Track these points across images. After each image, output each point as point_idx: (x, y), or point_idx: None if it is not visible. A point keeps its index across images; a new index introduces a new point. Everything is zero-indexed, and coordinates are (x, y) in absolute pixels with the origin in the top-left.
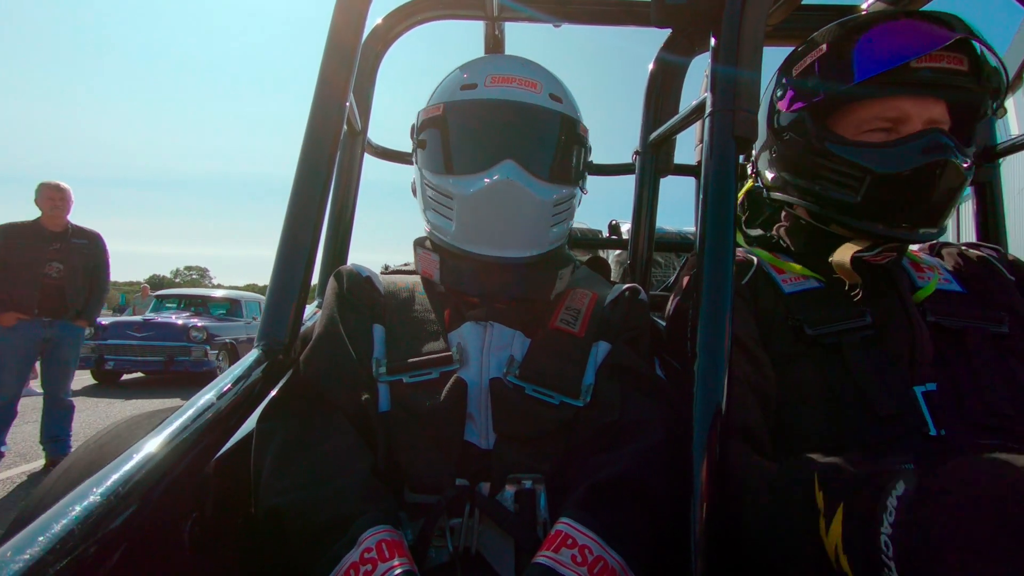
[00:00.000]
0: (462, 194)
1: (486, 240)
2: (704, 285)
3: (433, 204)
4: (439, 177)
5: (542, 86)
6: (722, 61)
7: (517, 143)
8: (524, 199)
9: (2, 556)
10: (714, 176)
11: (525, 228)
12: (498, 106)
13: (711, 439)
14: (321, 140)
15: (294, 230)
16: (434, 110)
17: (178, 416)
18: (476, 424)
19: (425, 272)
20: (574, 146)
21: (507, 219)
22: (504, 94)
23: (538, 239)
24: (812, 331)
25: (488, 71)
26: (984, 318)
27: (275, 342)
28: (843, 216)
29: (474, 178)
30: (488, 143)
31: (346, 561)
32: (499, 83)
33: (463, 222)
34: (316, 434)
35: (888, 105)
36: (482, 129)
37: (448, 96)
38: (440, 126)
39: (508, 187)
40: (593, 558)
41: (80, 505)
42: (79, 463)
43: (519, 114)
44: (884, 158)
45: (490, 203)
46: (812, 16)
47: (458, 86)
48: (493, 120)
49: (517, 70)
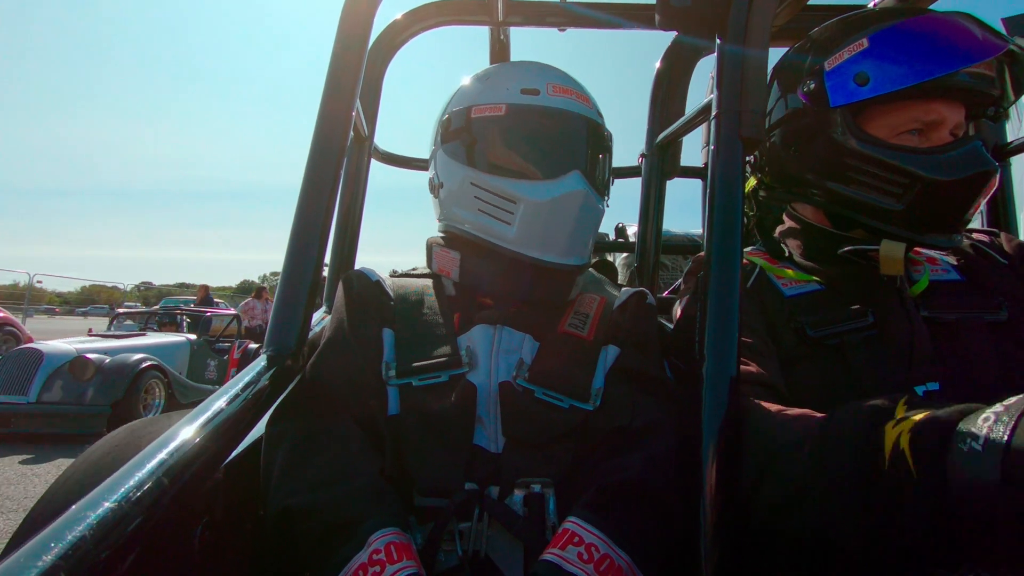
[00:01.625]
0: (532, 199)
1: (550, 246)
2: (712, 287)
3: (484, 206)
4: (499, 180)
5: (592, 102)
6: (728, 62)
7: (582, 155)
8: (592, 210)
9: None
10: (721, 178)
11: (585, 237)
12: (566, 117)
13: (720, 441)
14: (328, 146)
15: (302, 235)
16: (492, 108)
17: (187, 421)
18: (485, 428)
19: (441, 270)
20: (609, 161)
21: (575, 227)
22: (569, 105)
23: (588, 247)
24: (814, 333)
25: (547, 79)
26: (980, 306)
27: (284, 346)
28: (880, 221)
29: (544, 185)
30: (557, 151)
31: (355, 562)
32: (561, 93)
33: (529, 228)
34: (325, 437)
35: (927, 108)
36: (551, 137)
37: (508, 97)
38: (501, 127)
39: (581, 198)
40: (599, 556)
41: (92, 511)
42: (85, 468)
43: (584, 127)
44: (935, 166)
45: (562, 211)
46: (818, 17)
47: (517, 88)
48: (561, 129)
49: (572, 83)
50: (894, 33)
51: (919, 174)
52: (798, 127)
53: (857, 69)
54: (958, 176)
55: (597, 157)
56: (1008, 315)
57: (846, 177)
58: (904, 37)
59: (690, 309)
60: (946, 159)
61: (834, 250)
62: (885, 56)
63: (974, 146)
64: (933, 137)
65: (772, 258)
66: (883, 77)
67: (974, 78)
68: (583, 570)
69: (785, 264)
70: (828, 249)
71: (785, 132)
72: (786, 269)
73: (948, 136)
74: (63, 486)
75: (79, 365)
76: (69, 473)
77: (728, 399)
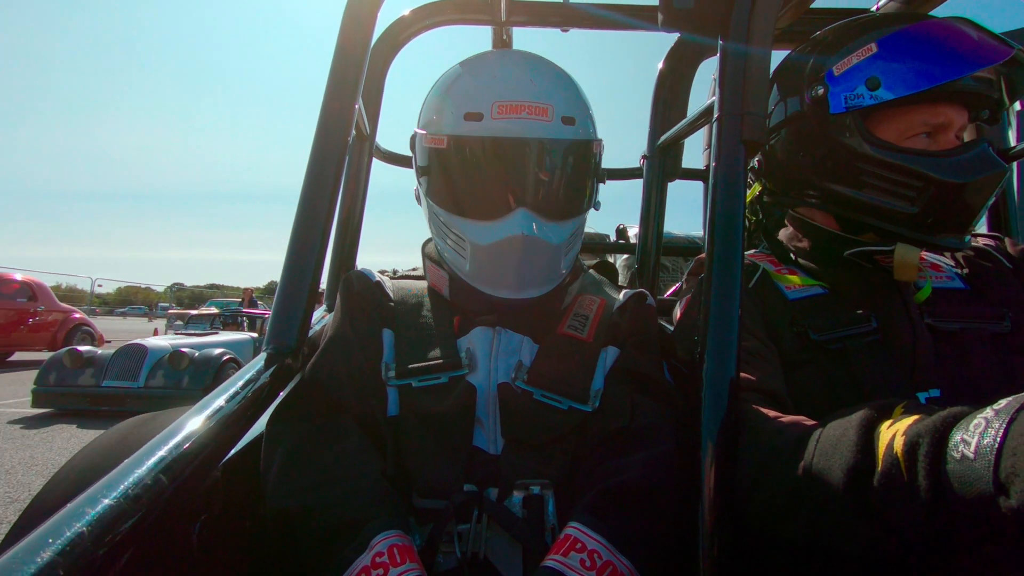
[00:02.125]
0: (476, 243)
1: (502, 285)
2: (712, 289)
3: (444, 238)
4: (449, 216)
5: (553, 110)
6: (730, 65)
7: (530, 187)
8: (539, 249)
9: (13, 559)
10: (722, 180)
11: (541, 272)
12: (507, 144)
13: (719, 443)
14: (330, 145)
15: (303, 234)
16: (436, 141)
17: (187, 419)
18: (484, 429)
19: (434, 285)
20: (587, 171)
21: (524, 268)
22: (513, 128)
23: (553, 276)
24: (818, 336)
25: (494, 96)
26: (983, 316)
27: (284, 345)
28: (892, 224)
29: (486, 227)
30: (499, 188)
31: (357, 565)
32: (507, 114)
33: (479, 267)
34: (325, 437)
35: (935, 111)
36: (491, 172)
37: (450, 126)
38: (444, 161)
39: (523, 241)
40: (602, 563)
41: (91, 508)
42: (84, 464)
43: (530, 153)
44: (948, 168)
45: (504, 255)
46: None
47: (461, 114)
48: (503, 159)
49: (526, 93)
50: (902, 38)
51: (933, 177)
52: (804, 131)
53: (867, 74)
54: (972, 178)
55: (557, 180)
56: (1011, 324)
57: (859, 181)
58: (913, 42)
59: (691, 311)
60: (959, 161)
61: (840, 253)
62: (895, 61)
63: (984, 148)
64: (940, 140)
65: (777, 262)
66: (895, 81)
67: (979, 82)
68: None
69: (790, 268)
70: (834, 252)
71: (790, 136)
72: (790, 275)
73: (954, 139)
74: (61, 482)
75: (176, 357)
76: (68, 469)
77: (728, 401)
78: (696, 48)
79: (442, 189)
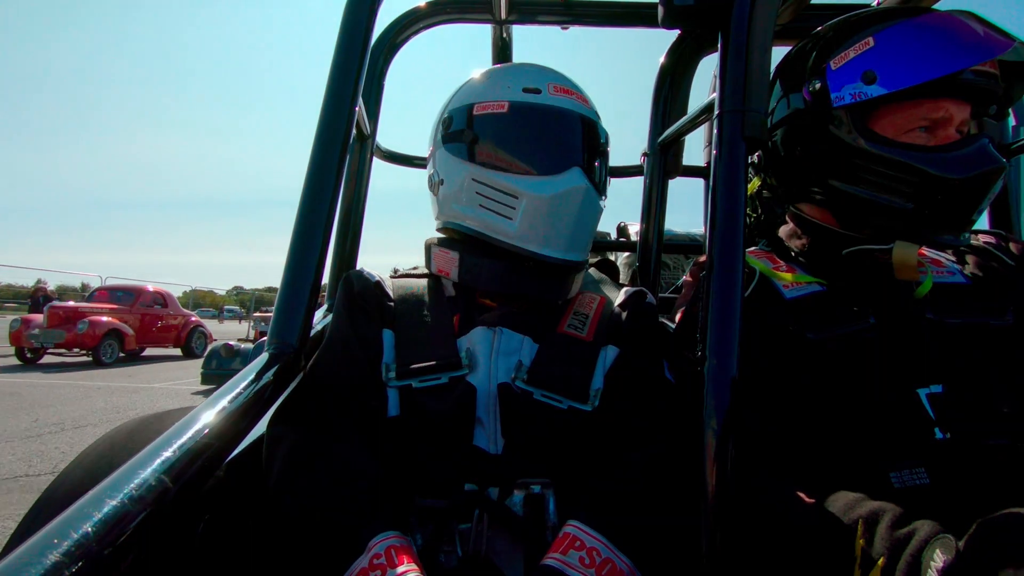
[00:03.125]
0: (535, 195)
1: (552, 241)
2: (713, 287)
3: (486, 202)
4: (501, 176)
5: (591, 103)
6: (731, 61)
7: (582, 153)
8: (592, 206)
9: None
10: (723, 177)
11: (585, 233)
12: (567, 116)
13: (721, 442)
14: (330, 145)
15: (304, 234)
16: (495, 106)
17: (190, 419)
18: (485, 429)
19: (440, 270)
20: (608, 159)
21: (576, 222)
22: (570, 104)
23: (588, 244)
24: (816, 336)
25: (548, 79)
26: (985, 311)
27: (285, 346)
28: (889, 220)
29: (546, 181)
30: (558, 148)
31: (355, 567)
32: (562, 93)
33: (531, 222)
34: (325, 438)
35: (935, 106)
36: (553, 134)
37: (511, 95)
38: (503, 124)
39: (582, 193)
40: (601, 560)
41: (96, 508)
42: (88, 465)
43: (584, 127)
44: (945, 164)
45: (564, 206)
46: (822, 16)
47: (519, 87)
48: (562, 127)
49: (571, 84)
50: (900, 31)
51: (929, 172)
52: (803, 127)
53: (864, 68)
54: (968, 174)
55: (595, 156)
56: (1013, 320)
57: (855, 177)
58: (911, 35)
59: (692, 309)
60: (955, 157)
61: (839, 250)
62: (892, 54)
63: (982, 143)
64: (940, 135)
65: (776, 259)
66: (891, 75)
67: (980, 76)
68: (585, 575)
69: (789, 265)
70: (833, 249)
71: (789, 132)
72: (786, 273)
73: (955, 134)
74: (66, 482)
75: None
76: (72, 469)
77: (729, 400)
78: (696, 45)
79: (499, 149)
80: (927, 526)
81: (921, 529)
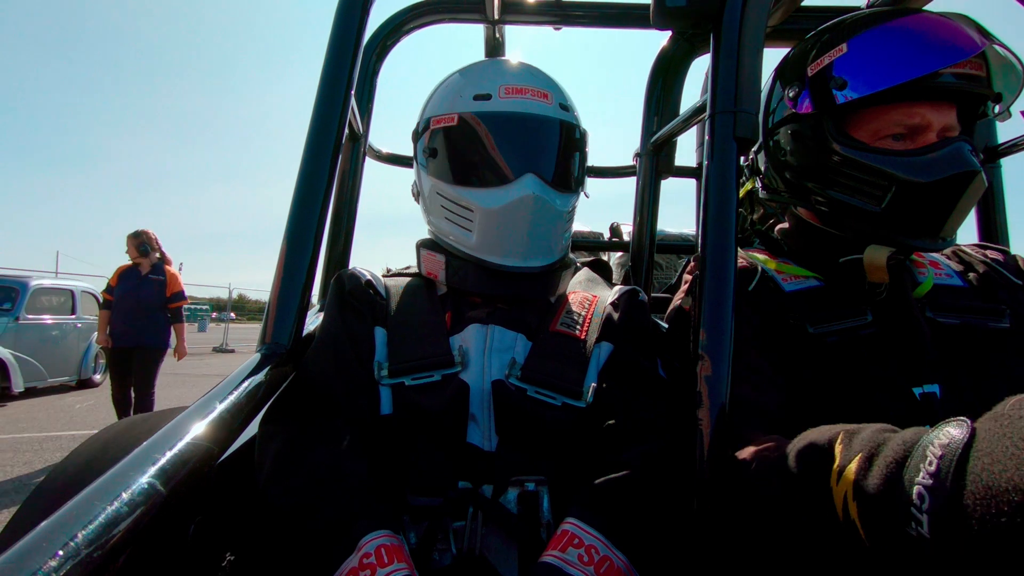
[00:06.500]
0: (485, 208)
1: (509, 252)
2: (706, 286)
3: (448, 215)
4: (456, 189)
5: (552, 96)
6: (722, 62)
7: (536, 156)
8: (547, 212)
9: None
10: (715, 178)
11: (546, 239)
12: (517, 119)
13: (714, 439)
14: (322, 145)
15: (296, 234)
16: (446, 119)
17: (182, 420)
18: (479, 426)
19: (429, 273)
20: (580, 154)
21: (531, 232)
22: (520, 107)
23: (555, 247)
24: (814, 330)
25: (500, 81)
26: (983, 312)
27: (277, 345)
28: (862, 223)
29: (496, 192)
30: (508, 157)
31: (345, 566)
32: (513, 95)
33: (485, 235)
34: (317, 437)
35: (910, 111)
36: (502, 143)
37: (461, 106)
38: (454, 137)
39: (532, 202)
40: (599, 558)
41: (86, 511)
42: (78, 466)
43: (537, 128)
44: (912, 167)
45: (514, 217)
46: (812, 17)
47: (470, 95)
48: (512, 134)
49: (528, 80)
50: (873, 37)
51: (896, 175)
52: (789, 130)
53: (836, 74)
54: (936, 177)
55: (557, 154)
56: (1011, 324)
57: (828, 180)
58: (882, 41)
59: (684, 307)
60: (924, 160)
61: (832, 250)
62: (862, 60)
63: (957, 147)
64: (919, 140)
65: (773, 256)
66: (859, 81)
67: (961, 78)
68: (584, 572)
69: (785, 261)
70: (827, 249)
71: (781, 134)
72: (787, 264)
73: (934, 138)
74: (54, 484)
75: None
76: (60, 470)
77: (722, 397)
78: (688, 46)
79: (451, 164)
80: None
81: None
